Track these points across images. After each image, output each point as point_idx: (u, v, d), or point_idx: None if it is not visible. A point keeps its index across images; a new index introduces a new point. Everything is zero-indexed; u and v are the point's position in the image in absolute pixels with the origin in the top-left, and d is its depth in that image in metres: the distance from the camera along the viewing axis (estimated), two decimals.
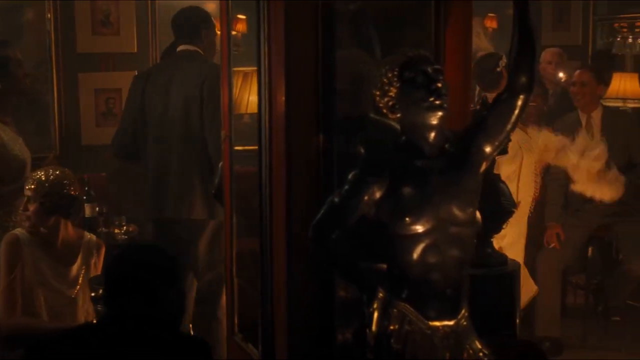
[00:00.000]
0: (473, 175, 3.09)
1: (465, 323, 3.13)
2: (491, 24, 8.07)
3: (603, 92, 6.21)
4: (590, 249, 6.26)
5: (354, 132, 3.39)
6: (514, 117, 3.05)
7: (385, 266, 3.10)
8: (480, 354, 3.15)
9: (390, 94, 3.05)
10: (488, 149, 3.08)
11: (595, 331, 6.37)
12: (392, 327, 3.04)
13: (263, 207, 3.50)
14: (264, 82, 3.44)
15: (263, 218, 3.50)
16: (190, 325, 5.45)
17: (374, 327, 3.08)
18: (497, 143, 3.09)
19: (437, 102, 2.99)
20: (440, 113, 3.00)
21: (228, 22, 4.04)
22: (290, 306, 3.39)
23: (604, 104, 6.53)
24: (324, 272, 3.35)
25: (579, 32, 8.20)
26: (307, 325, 3.39)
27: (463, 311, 3.13)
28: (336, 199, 3.05)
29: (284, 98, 3.31)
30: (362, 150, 3.26)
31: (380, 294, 3.08)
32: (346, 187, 3.04)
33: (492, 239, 4.05)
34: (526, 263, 5.70)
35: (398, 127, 3.14)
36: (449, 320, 3.08)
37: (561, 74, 6.82)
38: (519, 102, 3.04)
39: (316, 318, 3.39)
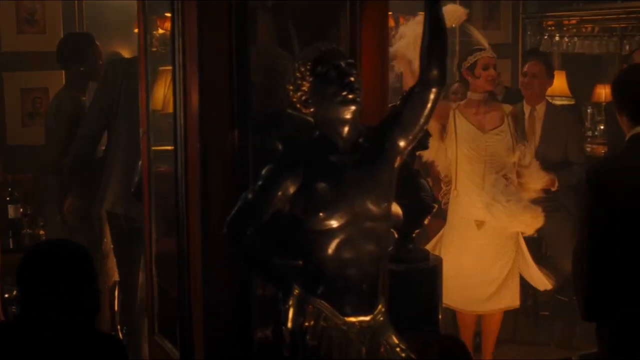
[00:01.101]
0: (388, 170, 3.08)
1: (382, 318, 3.12)
2: None
3: (550, 86, 6.23)
4: None
5: (271, 128, 3.37)
6: (427, 111, 3.05)
7: (300, 262, 3.08)
8: (398, 349, 3.13)
9: (303, 88, 3.03)
10: (402, 143, 3.08)
11: (526, 326, 6.41)
12: (307, 324, 3.02)
13: (179, 206, 3.46)
14: (179, 80, 3.42)
15: (179, 217, 3.47)
16: None
17: (289, 324, 3.05)
18: (411, 137, 3.08)
19: (350, 97, 2.97)
20: (353, 107, 2.99)
21: (144, 20, 4.02)
22: (207, 305, 3.35)
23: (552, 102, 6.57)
24: (242, 270, 3.31)
25: (509, 30, 8.28)
26: (225, 323, 3.36)
27: (380, 306, 3.12)
28: (250, 195, 3.02)
29: (197, 96, 3.27)
30: (280, 146, 3.25)
31: (296, 291, 3.06)
32: (260, 182, 3.01)
33: (413, 235, 4.07)
34: None
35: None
36: (366, 315, 3.06)
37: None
38: (432, 96, 3.03)
39: (234, 316, 3.36)
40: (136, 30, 5.37)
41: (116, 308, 5.63)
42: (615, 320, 3.49)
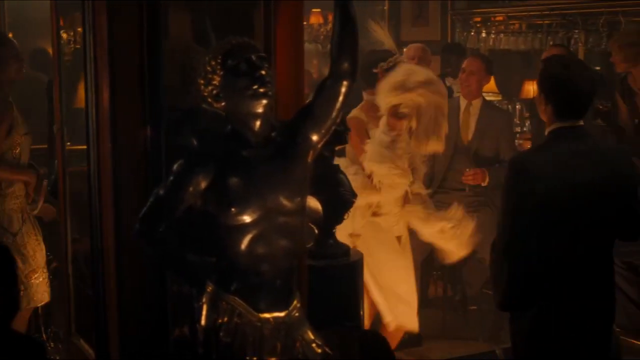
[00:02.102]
0: (301, 164, 3.06)
1: (297, 314, 3.10)
2: (317, 19, 8.13)
3: (488, 83, 6.26)
4: None
5: (185, 124, 3.32)
6: (338, 104, 3.04)
7: (214, 259, 3.04)
8: (313, 345, 3.12)
9: (214, 82, 3.00)
10: (315, 137, 3.06)
11: (454, 321, 6.44)
12: (220, 321, 2.99)
13: (92, 204, 3.41)
14: (90, 77, 3.37)
15: (93, 215, 3.41)
16: None
17: (203, 321, 3.02)
18: (323, 131, 3.07)
19: (262, 90, 2.95)
20: (264, 101, 2.96)
21: (57, 18, 3.95)
22: (121, 304, 3.32)
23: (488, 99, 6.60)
24: (156, 268, 3.27)
25: (438, 27, 8.31)
26: (140, 322, 3.33)
27: (295, 302, 3.10)
28: (161, 192, 2.98)
29: (108, 93, 3.23)
30: (195, 142, 3.21)
31: (209, 288, 3.02)
32: (171, 178, 2.97)
33: (334, 230, 4.05)
34: None
35: None
36: (280, 311, 3.04)
37: None
38: (343, 89, 3.02)
39: (149, 314, 3.33)
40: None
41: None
42: (533, 311, 3.51)
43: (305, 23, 9.30)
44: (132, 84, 3.23)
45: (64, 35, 5.16)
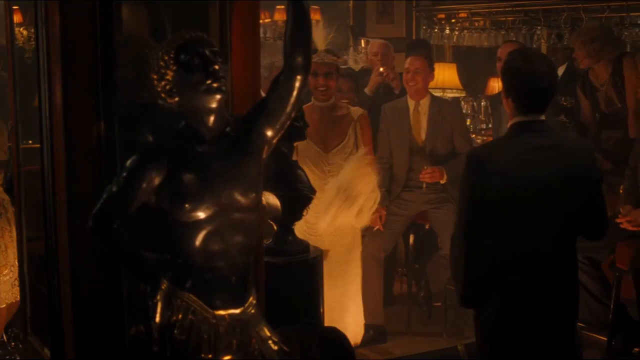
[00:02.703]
0: (255, 160, 3.04)
1: (253, 311, 3.08)
2: (314, 16, 8.07)
3: (432, 79, 6.26)
4: (411, 236, 6.32)
5: (141, 120, 3.29)
6: (292, 99, 3.02)
7: (169, 256, 3.01)
8: (270, 342, 3.10)
9: (167, 77, 2.97)
10: (270, 133, 3.04)
11: (419, 317, 6.44)
12: (175, 318, 2.96)
13: (47, 201, 3.36)
14: (43, 72, 3.31)
15: (47, 213, 3.37)
16: None
17: (157, 319, 2.99)
18: (278, 126, 3.05)
19: (215, 85, 2.92)
20: (218, 96, 2.94)
21: (10, 12, 3.89)
22: (76, 302, 3.27)
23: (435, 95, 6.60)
24: (111, 265, 3.23)
25: (403, 24, 8.30)
26: (96, 320, 3.28)
27: (251, 299, 3.08)
28: (114, 188, 2.95)
29: (61, 88, 3.18)
30: (150, 138, 3.18)
31: (164, 285, 3.00)
32: (124, 174, 2.94)
33: (293, 226, 4.03)
34: None
35: None
36: (236, 308, 3.02)
37: (381, 69, 6.83)
38: (297, 84, 3.01)
39: (105, 312, 3.28)
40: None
41: None
42: (493, 306, 3.51)
43: (269, 20, 9.33)
44: (86, 79, 3.18)
45: (24, 32, 5.11)
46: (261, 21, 9.52)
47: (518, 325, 3.51)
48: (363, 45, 7.35)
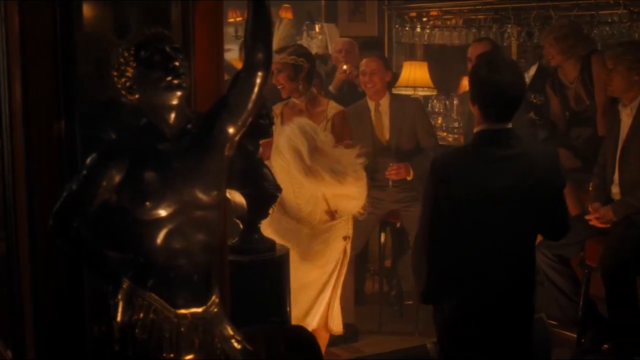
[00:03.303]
0: (217, 157, 3.02)
1: (216, 310, 3.05)
2: (286, 14, 8.07)
3: (390, 79, 6.25)
4: (382, 234, 6.32)
5: (103, 117, 3.26)
6: (254, 95, 3.01)
7: (130, 254, 2.98)
8: (233, 341, 3.08)
9: (127, 74, 2.94)
10: (231, 130, 3.02)
11: (391, 316, 6.44)
12: (136, 317, 2.93)
13: (7, 201, 3.33)
14: (2, 70, 3.27)
15: (7, 213, 3.33)
16: None
17: (118, 318, 2.96)
18: (240, 123, 3.03)
19: (176, 82, 2.89)
20: (179, 93, 2.91)
21: None
22: (37, 302, 3.24)
23: (395, 92, 6.59)
24: (72, 264, 3.20)
25: (375, 23, 8.28)
26: (57, 320, 3.25)
27: (214, 298, 3.05)
28: (74, 186, 2.91)
29: (20, 86, 3.15)
30: (113, 136, 3.15)
31: (125, 284, 2.96)
32: (84, 172, 2.91)
33: (259, 225, 4.01)
34: None
35: None
36: (198, 307, 2.99)
37: (345, 66, 6.82)
38: (258, 80, 2.99)
39: (66, 312, 3.25)
40: None
41: None
42: (451, 303, 3.51)
43: (240, 19, 9.30)
44: (46, 77, 3.15)
45: None
46: (232, 20, 9.55)
47: (475, 322, 3.52)
48: (317, 30, 7.32)
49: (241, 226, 4.00)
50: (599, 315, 5.29)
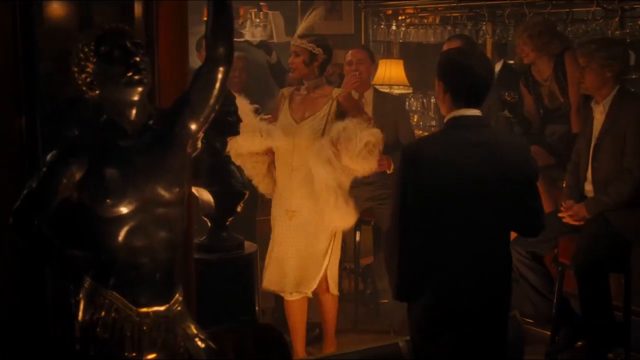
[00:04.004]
0: (179, 154, 2.99)
1: (179, 308, 3.03)
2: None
3: (374, 71, 6.22)
4: (357, 233, 6.29)
5: (67, 114, 3.23)
6: (216, 91, 2.98)
7: (92, 253, 2.95)
8: (197, 339, 3.06)
9: (87, 70, 2.91)
10: (193, 126, 3.00)
11: (366, 315, 6.41)
12: (97, 316, 2.90)
13: None
14: None
15: None
16: None
17: (80, 317, 2.93)
18: (202, 119, 3.00)
19: (136, 78, 2.87)
20: (140, 89, 2.89)
21: None
22: None
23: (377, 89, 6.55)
24: (35, 262, 3.16)
25: (352, 21, 8.24)
26: (20, 319, 3.21)
27: (177, 296, 3.03)
28: (34, 184, 2.88)
29: None
30: (76, 132, 3.11)
31: (87, 283, 2.94)
32: (44, 169, 2.88)
33: (227, 222, 3.98)
34: None
35: None
36: (161, 305, 2.97)
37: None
38: (219, 75, 2.97)
39: (29, 311, 3.21)
40: None
41: None
42: (425, 299, 3.48)
43: None
44: (6, 73, 3.11)
45: None
46: (205, 18, 9.48)
47: (449, 318, 3.49)
48: (261, 17, 7.26)
49: (209, 224, 3.97)
50: (572, 312, 5.28)
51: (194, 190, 3.88)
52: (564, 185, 5.45)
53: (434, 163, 3.40)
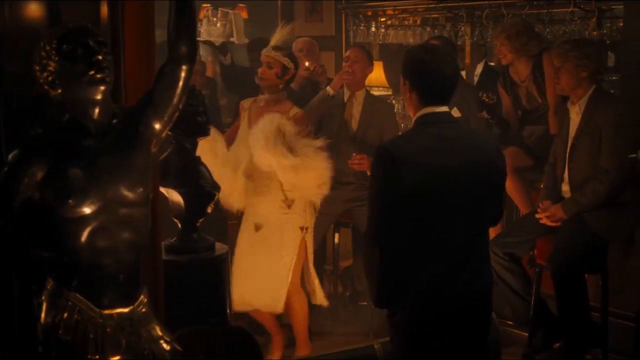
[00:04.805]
0: (143, 154, 2.95)
1: (144, 310, 3.00)
2: (242, 14, 7.98)
3: (370, 73, 6.19)
4: (336, 235, 6.27)
5: (32, 114, 3.18)
6: (179, 89, 2.96)
7: (54, 254, 2.91)
8: (161, 342, 3.02)
9: (49, 68, 2.88)
10: (157, 125, 2.97)
11: (345, 317, 6.38)
12: (60, 318, 2.87)
13: None
14: None
15: None
16: None
17: (42, 319, 2.90)
18: (165, 118, 2.97)
19: (99, 76, 2.84)
20: (102, 87, 2.86)
21: None
22: None
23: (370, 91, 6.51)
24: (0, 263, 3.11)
25: (332, 22, 8.21)
26: None
27: (141, 297, 2.99)
28: None
29: None
30: (40, 131, 3.07)
31: (49, 284, 2.90)
32: (5, 169, 2.84)
33: (197, 224, 3.94)
34: None
35: None
36: (124, 307, 2.94)
37: (307, 63, 6.77)
38: (182, 73, 2.95)
39: None
40: None
41: None
42: (406, 304, 3.44)
43: None
44: None
45: None
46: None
47: (431, 322, 3.45)
48: (220, 16, 7.23)
49: (179, 225, 3.93)
50: (549, 313, 5.26)
51: (164, 191, 3.85)
52: (542, 186, 5.44)
53: (410, 159, 3.35)
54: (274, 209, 5.22)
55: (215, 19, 7.30)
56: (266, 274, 5.20)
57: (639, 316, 4.66)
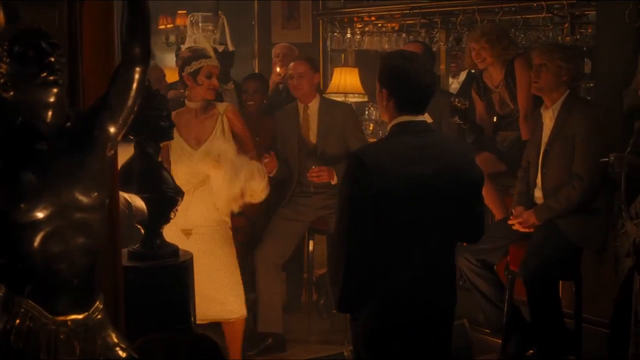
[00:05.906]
0: (98, 157, 2.90)
1: (99, 316, 2.94)
2: (181, 20, 7.96)
3: (318, 80, 6.17)
4: (310, 242, 6.23)
5: None
6: (133, 92, 2.90)
7: (6, 259, 2.85)
8: (117, 349, 2.96)
9: (1, 70, 2.82)
10: (112, 129, 2.91)
11: (320, 326, 6.34)
12: (11, 325, 2.81)
13: None
14: None
15: None
16: None
17: None
18: (120, 121, 2.92)
19: (51, 79, 2.79)
20: (55, 90, 2.80)
21: None
22: None
23: (325, 97, 6.49)
24: None
25: (309, 29, 8.18)
26: None
27: (97, 304, 2.93)
28: None
29: None
30: None
31: (1, 291, 2.84)
32: None
33: (161, 230, 3.89)
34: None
35: None
36: (79, 313, 2.88)
37: (278, 69, 6.76)
38: (136, 75, 2.89)
39: None
40: None
41: None
42: (369, 310, 3.40)
43: (171, 25, 9.17)
44: None
45: None
46: (163, 26, 9.43)
47: (394, 329, 3.42)
48: (201, 22, 7.18)
49: (142, 231, 3.88)
50: (523, 320, 5.23)
51: (127, 196, 3.80)
52: (515, 192, 5.41)
53: (381, 167, 3.32)
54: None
55: (207, 25, 7.22)
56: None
57: (612, 323, 4.62)
